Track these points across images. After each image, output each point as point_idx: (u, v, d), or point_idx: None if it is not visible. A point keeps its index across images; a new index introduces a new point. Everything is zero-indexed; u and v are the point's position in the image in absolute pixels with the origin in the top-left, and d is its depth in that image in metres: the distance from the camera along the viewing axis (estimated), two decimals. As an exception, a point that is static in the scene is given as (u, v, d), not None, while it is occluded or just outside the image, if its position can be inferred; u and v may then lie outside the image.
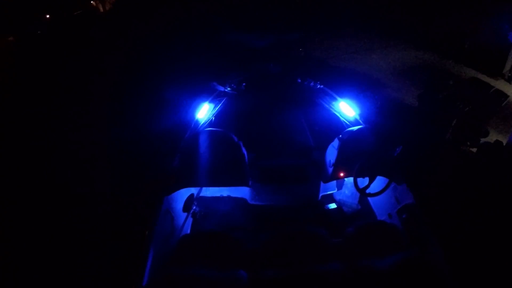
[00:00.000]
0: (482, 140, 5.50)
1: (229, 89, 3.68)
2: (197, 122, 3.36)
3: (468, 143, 5.53)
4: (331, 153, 3.12)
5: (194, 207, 3.31)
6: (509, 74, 7.81)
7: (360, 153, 2.92)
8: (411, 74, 7.96)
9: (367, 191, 2.94)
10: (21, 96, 7.34)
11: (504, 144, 4.97)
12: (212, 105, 3.55)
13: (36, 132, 5.93)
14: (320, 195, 3.53)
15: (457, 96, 5.54)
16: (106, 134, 5.63)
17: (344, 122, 3.41)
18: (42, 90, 7.56)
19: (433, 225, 2.55)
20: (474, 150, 5.37)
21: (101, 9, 11.83)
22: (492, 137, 5.56)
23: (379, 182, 3.00)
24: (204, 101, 3.55)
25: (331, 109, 3.59)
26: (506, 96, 5.70)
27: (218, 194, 3.53)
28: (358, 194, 3.42)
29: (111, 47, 9.58)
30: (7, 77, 8.46)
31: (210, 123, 3.40)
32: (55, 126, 6.13)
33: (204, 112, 3.45)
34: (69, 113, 6.55)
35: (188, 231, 3.20)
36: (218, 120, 3.48)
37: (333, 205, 3.46)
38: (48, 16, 12.73)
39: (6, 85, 7.96)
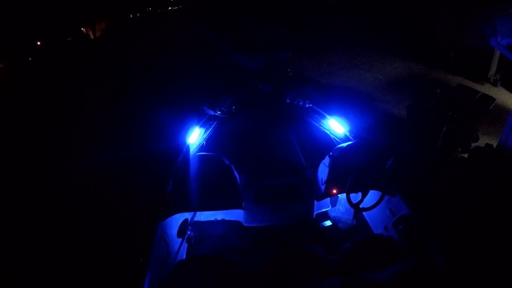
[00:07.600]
0: (473, 145, 5.56)
1: (219, 112, 3.72)
2: (188, 147, 3.37)
3: (459, 149, 5.59)
4: (323, 171, 3.13)
5: (189, 232, 3.28)
6: (494, 78, 8.00)
7: (351, 169, 2.93)
8: (399, 86, 8.13)
9: (361, 205, 2.94)
10: (13, 120, 7.38)
11: (495, 147, 5.03)
12: (203, 130, 3.57)
13: (24, 158, 5.93)
14: (315, 213, 3.52)
15: (445, 104, 5.63)
16: (98, 159, 5.61)
17: (334, 139, 3.44)
18: (32, 117, 7.59)
19: (431, 233, 2.54)
20: (466, 155, 5.42)
21: (92, 36, 12.02)
22: (483, 141, 5.63)
23: (372, 196, 3.01)
24: (195, 125, 3.58)
25: (320, 127, 3.63)
26: (493, 99, 5.79)
27: (212, 218, 3.52)
28: (352, 210, 3.42)
29: (102, 72, 9.69)
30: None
31: (201, 148, 3.42)
32: (47, 149, 6.15)
33: (195, 136, 3.47)
34: (61, 137, 6.58)
35: (184, 257, 3.16)
36: (209, 144, 3.50)
37: (328, 222, 3.45)
38: (39, 43, 12.88)
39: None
